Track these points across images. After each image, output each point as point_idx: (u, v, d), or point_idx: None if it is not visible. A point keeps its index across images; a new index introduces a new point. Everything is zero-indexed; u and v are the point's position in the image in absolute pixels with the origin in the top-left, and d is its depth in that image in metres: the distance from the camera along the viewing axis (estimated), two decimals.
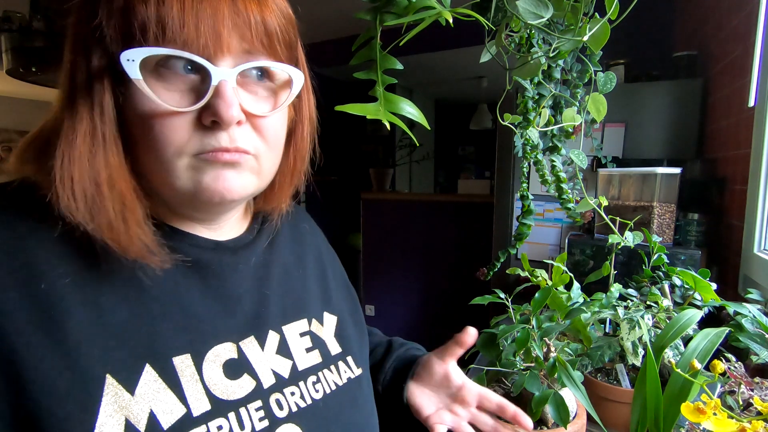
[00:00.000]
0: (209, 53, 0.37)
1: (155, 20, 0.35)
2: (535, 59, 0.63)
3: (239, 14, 0.38)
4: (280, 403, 0.44)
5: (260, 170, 0.43)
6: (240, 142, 0.40)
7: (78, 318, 0.35)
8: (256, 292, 0.48)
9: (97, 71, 0.36)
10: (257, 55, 0.40)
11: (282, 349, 0.48)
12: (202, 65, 0.37)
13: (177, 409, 0.37)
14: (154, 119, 0.37)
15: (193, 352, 0.40)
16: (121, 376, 0.36)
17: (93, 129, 0.36)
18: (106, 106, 0.37)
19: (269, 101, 0.43)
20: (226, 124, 0.38)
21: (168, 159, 0.38)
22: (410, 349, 0.69)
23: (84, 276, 0.37)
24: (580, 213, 0.87)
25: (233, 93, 0.38)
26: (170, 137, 0.37)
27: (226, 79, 0.38)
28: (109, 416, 0.34)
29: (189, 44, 0.36)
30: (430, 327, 3.32)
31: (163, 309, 0.40)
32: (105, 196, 0.37)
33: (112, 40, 0.36)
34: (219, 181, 0.40)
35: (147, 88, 0.36)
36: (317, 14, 1.96)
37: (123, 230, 0.37)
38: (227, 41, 0.37)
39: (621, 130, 1.69)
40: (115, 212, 0.37)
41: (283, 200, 0.52)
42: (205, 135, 0.38)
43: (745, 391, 0.65)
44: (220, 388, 0.40)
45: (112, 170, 0.37)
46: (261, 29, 0.39)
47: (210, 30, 0.36)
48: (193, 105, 0.37)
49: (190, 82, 0.38)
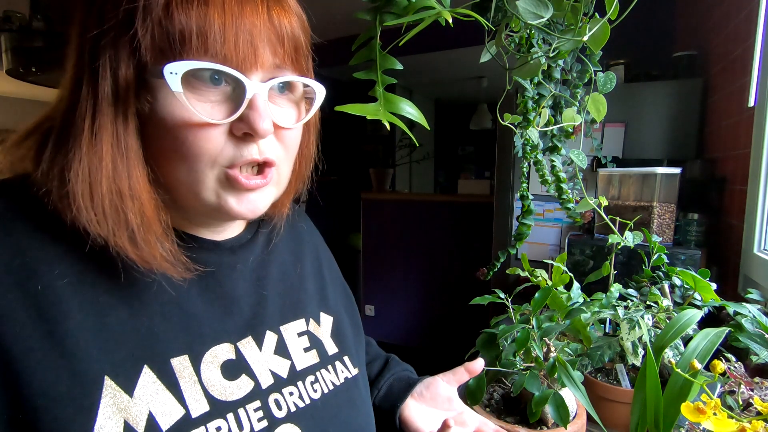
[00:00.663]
0: (245, 67, 0.38)
1: (197, 33, 0.35)
2: (535, 59, 0.63)
3: (274, 29, 0.39)
4: (279, 403, 0.44)
5: (279, 180, 0.45)
6: (268, 153, 0.41)
7: (76, 319, 0.35)
8: (254, 293, 0.48)
9: (124, 81, 0.36)
10: (284, 69, 0.41)
11: (280, 349, 0.48)
12: (238, 78, 0.37)
13: (176, 411, 0.37)
14: (188, 130, 0.37)
15: (191, 354, 0.40)
16: (120, 377, 0.35)
17: (117, 139, 0.36)
18: (131, 116, 0.36)
19: (292, 113, 0.44)
20: (260, 136, 0.39)
21: (200, 169, 0.38)
22: (406, 370, 0.70)
23: (82, 277, 0.37)
24: (580, 213, 0.87)
25: (266, 106, 0.39)
26: (204, 148, 0.38)
27: (259, 92, 0.38)
28: (107, 418, 0.34)
29: (229, 58, 0.36)
30: (429, 327, 3.32)
31: (162, 310, 0.40)
32: (128, 207, 0.36)
33: (148, 50, 0.35)
34: (243, 204, 0.41)
35: (186, 101, 0.35)
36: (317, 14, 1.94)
37: (145, 243, 0.37)
38: (262, 56, 0.38)
39: (621, 130, 1.69)
40: (136, 225, 0.37)
41: (284, 204, 0.53)
42: (237, 146, 0.39)
43: (745, 391, 0.65)
44: (219, 389, 0.40)
45: (135, 181, 0.37)
46: (291, 44, 0.41)
47: (248, 45, 0.37)
48: (228, 117, 0.38)
49: (222, 94, 0.38)
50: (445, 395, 0.62)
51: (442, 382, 0.64)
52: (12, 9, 1.67)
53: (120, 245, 0.36)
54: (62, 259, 0.36)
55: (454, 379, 0.64)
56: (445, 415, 0.62)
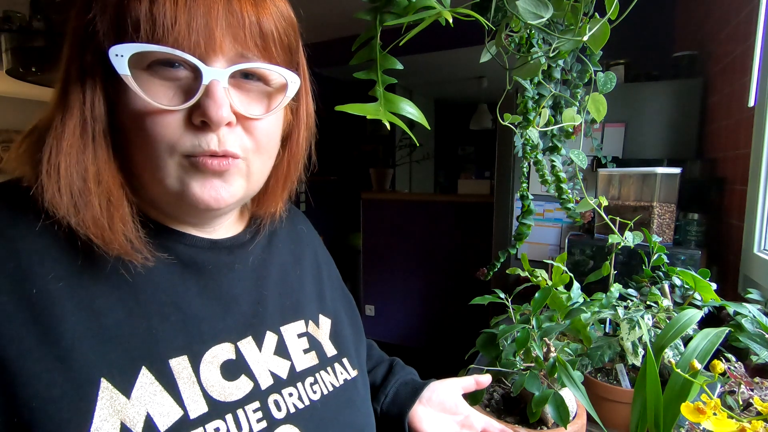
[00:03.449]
0: (201, 52, 0.37)
1: (147, 17, 0.35)
2: (535, 59, 0.63)
3: (233, 14, 0.37)
4: (278, 404, 0.44)
5: (249, 173, 0.43)
6: (229, 144, 0.39)
7: (71, 321, 0.35)
8: (253, 292, 0.48)
9: (89, 66, 0.36)
10: (252, 57, 0.40)
11: (280, 350, 0.47)
12: (194, 64, 0.36)
13: (174, 412, 0.37)
14: (144, 116, 0.37)
15: (190, 354, 0.40)
16: (117, 379, 0.35)
17: (83, 123, 0.37)
18: (97, 101, 0.37)
19: (262, 104, 0.42)
20: (215, 124, 0.38)
21: (158, 156, 0.38)
22: (411, 374, 0.70)
23: (78, 279, 0.37)
24: (580, 213, 0.87)
25: (224, 93, 0.38)
26: (160, 134, 0.37)
27: (217, 79, 0.37)
28: (104, 420, 0.34)
29: (180, 42, 0.36)
30: (429, 327, 3.32)
31: (160, 310, 0.40)
32: (91, 190, 0.37)
33: (105, 35, 0.36)
34: (206, 190, 0.40)
35: (135, 84, 0.35)
36: (317, 14, 1.96)
37: (107, 226, 0.37)
38: (220, 41, 0.37)
39: (621, 130, 1.69)
40: (100, 208, 0.37)
41: (276, 205, 0.52)
42: (196, 135, 0.38)
43: (745, 391, 0.65)
44: (218, 390, 0.40)
45: (100, 165, 0.37)
46: (256, 30, 0.39)
47: (202, 28, 0.36)
48: (182, 104, 0.37)
49: (182, 81, 0.38)
50: (452, 400, 0.63)
51: (449, 386, 0.64)
52: (12, 9, 1.67)
53: (81, 224, 0.36)
54: (57, 262, 0.36)
55: (461, 386, 0.64)
56: (451, 419, 0.62)
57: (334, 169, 4.14)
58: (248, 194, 0.45)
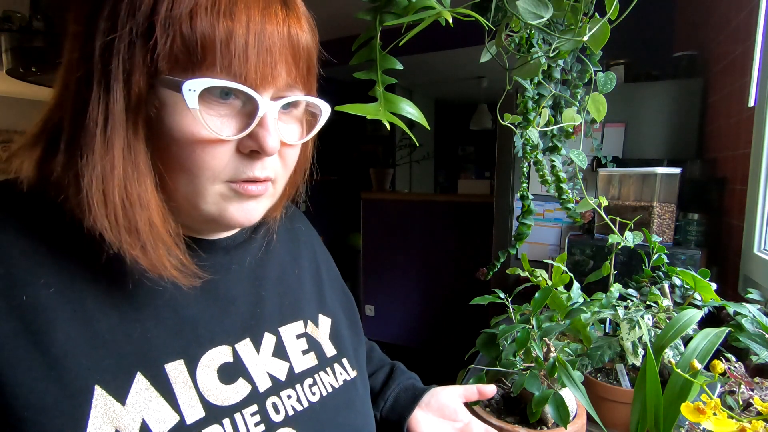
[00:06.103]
0: (260, 85, 0.37)
1: (220, 49, 0.34)
2: (535, 59, 0.63)
3: (292, 49, 0.38)
4: (277, 406, 0.43)
5: (275, 193, 0.45)
6: (269, 170, 0.41)
7: (63, 329, 0.34)
8: (251, 293, 0.47)
9: (137, 87, 0.35)
10: (294, 88, 0.41)
11: (278, 352, 0.47)
12: (252, 96, 0.37)
13: (170, 418, 0.36)
14: (195, 144, 0.36)
15: (186, 358, 0.39)
16: (111, 385, 0.35)
17: (128, 146, 0.35)
18: (141, 123, 0.36)
19: (297, 129, 0.44)
20: (268, 154, 0.38)
21: (201, 183, 0.38)
22: (411, 379, 0.69)
23: (70, 284, 0.36)
24: (580, 213, 0.87)
25: (275, 124, 0.39)
26: (209, 163, 0.37)
27: (270, 110, 0.38)
28: (98, 428, 0.33)
29: (246, 76, 0.36)
30: (429, 327, 3.32)
31: (155, 313, 0.39)
32: (138, 216, 0.36)
33: (165, 59, 0.34)
34: (242, 212, 0.41)
35: (201, 118, 0.35)
36: (317, 14, 1.94)
37: (153, 252, 0.37)
38: (279, 76, 0.38)
39: (621, 130, 1.69)
40: (145, 233, 0.36)
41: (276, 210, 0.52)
42: (241, 162, 0.39)
43: (745, 391, 0.65)
44: (215, 394, 0.40)
45: (143, 190, 0.36)
46: (305, 64, 0.40)
47: (268, 66, 0.37)
48: (237, 134, 0.37)
49: (232, 108, 0.38)
50: (452, 406, 0.62)
51: (449, 393, 0.63)
52: (12, 9, 1.67)
53: (132, 253, 0.36)
54: (49, 268, 0.35)
55: (462, 394, 0.63)
56: (451, 426, 0.62)
57: (334, 169, 4.14)
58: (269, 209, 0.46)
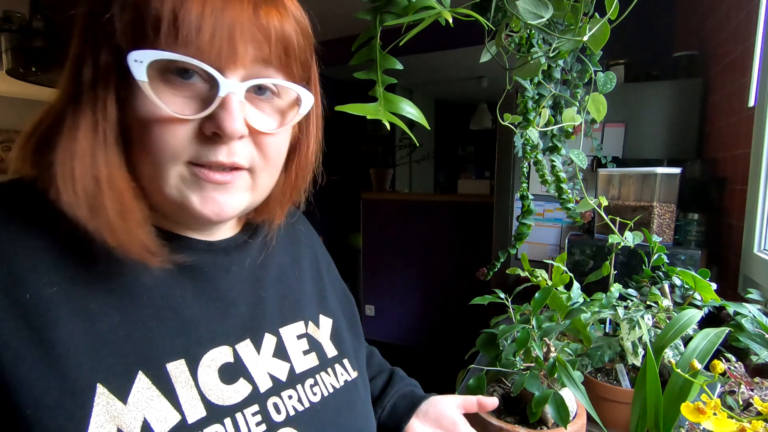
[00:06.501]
0: (220, 64, 0.36)
1: (170, 20, 0.34)
2: (535, 59, 0.63)
3: (260, 27, 0.37)
4: (278, 407, 0.43)
5: (255, 186, 0.43)
6: (238, 156, 0.39)
7: (66, 327, 0.34)
8: (251, 294, 0.47)
9: (104, 67, 0.35)
10: (270, 71, 0.39)
11: (279, 352, 0.47)
12: (212, 75, 0.36)
13: (171, 417, 0.36)
14: (154, 123, 0.36)
15: (187, 357, 0.39)
16: (113, 384, 0.35)
17: (95, 125, 0.35)
18: (110, 103, 0.36)
19: (275, 118, 0.42)
20: (228, 137, 0.37)
21: (161, 164, 0.37)
22: (410, 385, 0.68)
23: (72, 284, 0.36)
24: (580, 213, 0.87)
25: (239, 107, 0.37)
26: (169, 143, 0.36)
27: (234, 92, 0.37)
28: (100, 427, 0.33)
29: (202, 51, 0.35)
30: (429, 327, 3.32)
31: (157, 313, 0.39)
32: (105, 194, 0.36)
33: (123, 35, 0.34)
34: (207, 205, 0.39)
35: (151, 91, 0.35)
36: (317, 14, 1.94)
37: (123, 230, 0.36)
38: (242, 54, 0.36)
39: (621, 130, 1.69)
40: (114, 211, 0.36)
41: (277, 215, 0.51)
42: (204, 145, 0.37)
43: (745, 391, 0.65)
44: (216, 394, 0.40)
45: (113, 169, 0.36)
46: (280, 45, 0.38)
47: (226, 40, 0.35)
48: (197, 114, 0.36)
49: (197, 89, 0.37)
50: (451, 417, 0.60)
51: (448, 403, 0.61)
52: (12, 9, 1.67)
53: (97, 230, 0.35)
54: (51, 268, 0.36)
55: (462, 405, 0.61)
56: None
57: (334, 169, 4.14)
58: (252, 205, 0.45)
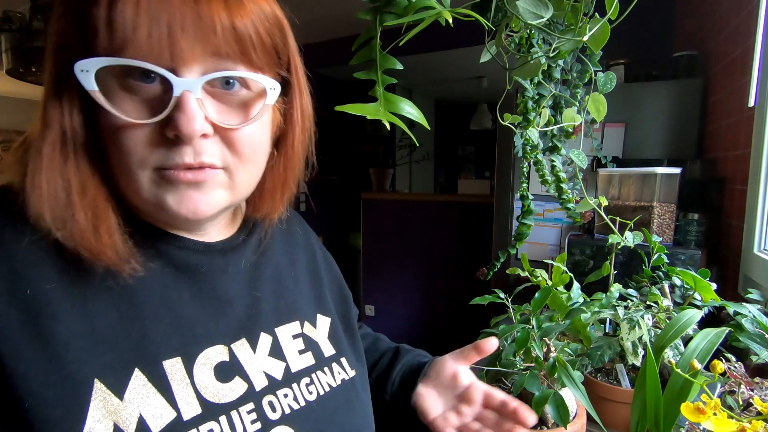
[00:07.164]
0: (168, 62, 0.35)
1: (105, 25, 0.33)
2: (535, 59, 0.63)
3: (203, 19, 0.35)
4: (273, 405, 0.43)
5: (233, 184, 0.41)
6: (206, 156, 0.38)
7: (65, 323, 0.35)
8: (247, 294, 0.48)
9: (64, 78, 0.35)
10: (228, 63, 0.37)
11: (275, 351, 0.47)
12: (163, 75, 0.35)
13: (167, 414, 0.37)
14: (115, 130, 0.36)
15: (183, 356, 0.40)
16: (110, 380, 0.35)
17: (62, 136, 0.36)
18: (75, 113, 0.36)
19: (242, 112, 0.40)
20: (187, 138, 0.36)
21: (131, 169, 0.37)
22: (417, 356, 0.68)
23: (70, 281, 0.37)
24: (580, 213, 0.87)
25: (197, 105, 0.36)
26: (131, 148, 0.36)
27: (189, 89, 0.35)
28: (97, 421, 0.34)
29: (144, 52, 0.34)
30: (430, 327, 3.32)
31: (154, 312, 0.40)
32: (75, 204, 0.36)
33: (72, 46, 0.34)
34: (183, 204, 0.38)
35: (102, 99, 0.34)
36: (317, 14, 1.95)
37: (93, 238, 0.36)
38: (188, 49, 0.35)
39: (621, 130, 1.69)
40: (86, 220, 0.36)
41: (275, 209, 0.50)
42: (169, 149, 0.37)
43: (745, 391, 0.65)
44: (212, 392, 0.40)
45: (84, 178, 0.36)
46: (230, 34, 0.36)
47: (165, 37, 0.34)
48: (152, 117, 0.35)
49: (152, 92, 0.36)
50: (449, 372, 0.59)
51: (447, 358, 0.61)
52: (12, 9, 1.67)
53: (68, 238, 0.36)
54: (50, 265, 0.36)
55: (462, 359, 0.60)
56: (451, 393, 0.59)
57: (334, 169, 4.14)
58: (234, 203, 0.44)
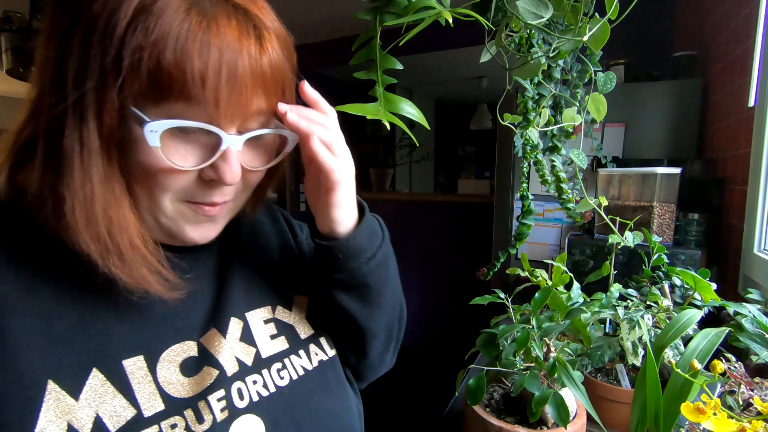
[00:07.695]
0: (226, 121, 0.39)
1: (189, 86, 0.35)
2: (535, 59, 0.63)
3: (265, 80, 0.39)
4: (242, 392, 0.44)
5: (236, 207, 0.47)
6: (228, 195, 0.43)
7: (18, 324, 0.35)
8: (216, 284, 0.48)
9: (109, 118, 0.35)
10: (262, 117, 0.42)
11: (246, 336, 0.48)
12: (216, 133, 0.38)
13: (126, 412, 0.37)
14: (158, 171, 0.38)
15: (146, 353, 0.40)
16: (65, 381, 0.35)
17: (104, 172, 0.36)
18: (113, 150, 0.37)
19: (265, 154, 0.45)
20: (228, 185, 0.41)
21: (159, 200, 0.40)
22: None
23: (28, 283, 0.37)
24: (580, 213, 0.87)
25: (237, 156, 0.40)
26: (170, 187, 0.39)
27: (234, 143, 0.40)
28: (49, 422, 0.34)
29: (212, 117, 0.37)
30: (429, 327, 3.32)
31: (117, 311, 0.40)
32: (119, 237, 0.37)
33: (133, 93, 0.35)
34: (197, 232, 0.43)
35: (163, 155, 0.37)
36: (317, 14, 1.95)
37: (135, 269, 0.38)
38: (248, 108, 0.39)
39: (621, 130, 1.69)
40: (128, 253, 0.38)
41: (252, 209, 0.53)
42: (201, 188, 0.41)
43: (745, 391, 0.65)
44: (176, 387, 0.40)
45: (122, 214, 0.38)
46: (278, 91, 0.42)
47: (238, 101, 0.38)
48: (199, 165, 0.39)
49: (201, 141, 0.39)
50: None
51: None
52: (12, 9, 1.67)
53: (113, 270, 0.37)
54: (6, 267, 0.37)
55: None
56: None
57: None
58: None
